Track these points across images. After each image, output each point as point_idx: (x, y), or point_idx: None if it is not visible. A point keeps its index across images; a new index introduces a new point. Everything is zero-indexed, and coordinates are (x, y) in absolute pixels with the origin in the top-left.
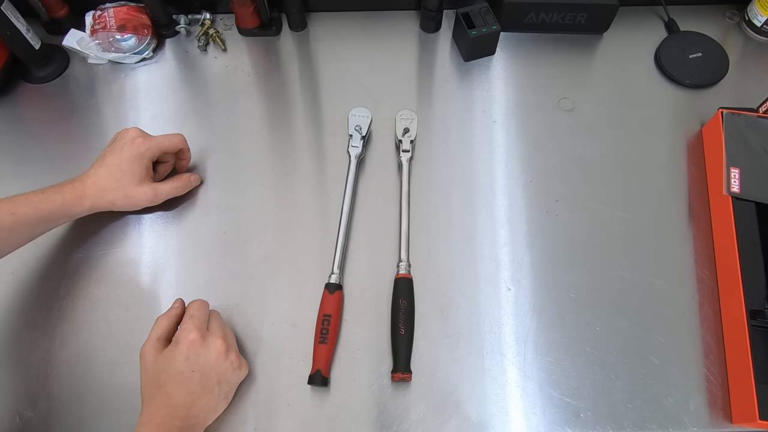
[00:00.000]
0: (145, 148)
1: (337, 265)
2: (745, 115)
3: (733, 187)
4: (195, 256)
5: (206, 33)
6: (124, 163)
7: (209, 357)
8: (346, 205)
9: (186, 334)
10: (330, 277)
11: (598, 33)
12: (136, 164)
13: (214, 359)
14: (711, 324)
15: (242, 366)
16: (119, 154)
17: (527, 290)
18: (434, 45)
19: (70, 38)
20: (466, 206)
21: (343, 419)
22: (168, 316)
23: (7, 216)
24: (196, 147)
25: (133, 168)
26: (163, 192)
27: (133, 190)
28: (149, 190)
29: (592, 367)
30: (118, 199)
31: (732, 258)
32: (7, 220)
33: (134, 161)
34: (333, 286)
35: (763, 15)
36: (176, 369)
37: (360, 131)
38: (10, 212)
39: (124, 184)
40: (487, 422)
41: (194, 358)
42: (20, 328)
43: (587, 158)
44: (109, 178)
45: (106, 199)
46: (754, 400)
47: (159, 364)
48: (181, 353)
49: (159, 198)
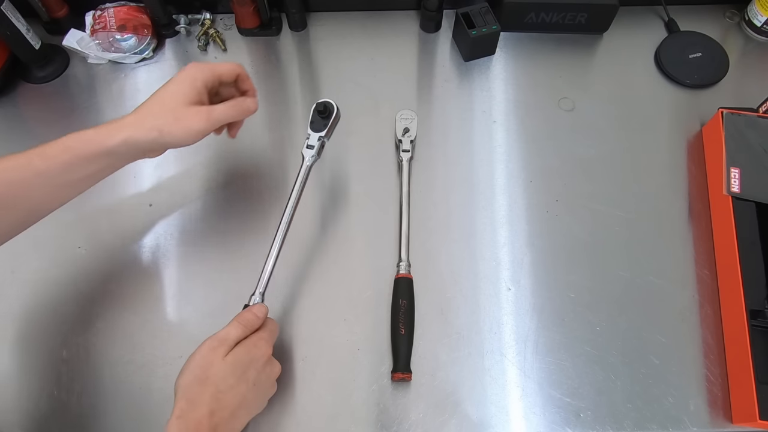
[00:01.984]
0: (196, 69)
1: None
2: (745, 115)
3: (733, 187)
4: (195, 255)
5: (206, 33)
6: (172, 86)
7: (270, 377)
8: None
9: (263, 344)
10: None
11: (598, 33)
12: (187, 85)
13: (271, 381)
14: (711, 324)
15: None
16: (168, 81)
17: (527, 290)
18: (434, 45)
19: (70, 38)
20: (466, 206)
21: (343, 419)
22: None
23: (36, 157)
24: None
25: (182, 89)
26: (217, 113)
27: (183, 111)
28: (202, 111)
29: (592, 367)
30: (165, 125)
31: (732, 258)
32: (37, 162)
33: (184, 82)
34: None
35: (763, 15)
36: (242, 375)
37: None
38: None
39: (173, 106)
40: (487, 422)
41: (260, 369)
42: (20, 328)
43: (587, 158)
44: (154, 104)
45: (149, 125)
46: (754, 400)
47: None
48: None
49: (213, 120)
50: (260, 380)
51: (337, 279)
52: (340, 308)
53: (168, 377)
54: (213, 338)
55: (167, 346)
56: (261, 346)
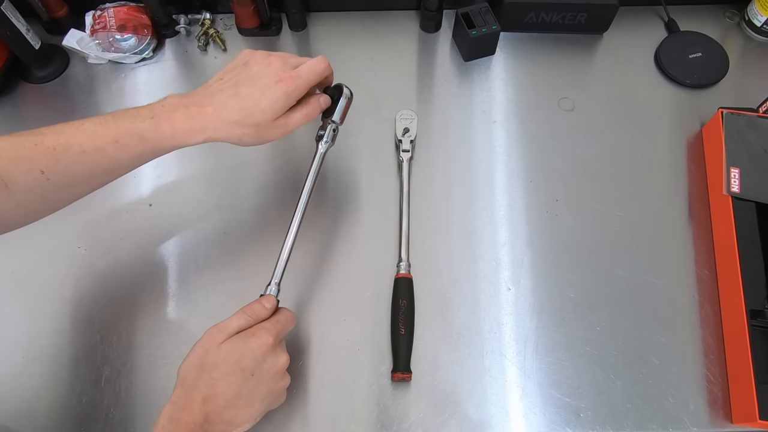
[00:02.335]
0: (293, 88)
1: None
2: (745, 115)
3: (733, 187)
4: (195, 255)
5: (206, 33)
6: (264, 102)
7: (271, 368)
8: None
9: (265, 333)
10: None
11: (598, 33)
12: (280, 105)
13: (274, 372)
14: (711, 324)
15: (286, 391)
16: (259, 88)
17: (527, 290)
18: (434, 45)
19: (70, 38)
20: (466, 206)
21: (343, 419)
22: (255, 316)
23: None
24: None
25: (275, 108)
26: (293, 124)
27: (268, 126)
28: (282, 125)
29: (592, 367)
30: (247, 136)
31: (732, 258)
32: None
33: (278, 101)
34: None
35: (763, 15)
36: (237, 364)
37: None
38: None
39: (260, 120)
40: (487, 422)
41: (260, 360)
42: (20, 328)
43: (587, 158)
44: (241, 112)
45: (231, 133)
46: (754, 400)
47: (224, 350)
48: (250, 350)
49: (289, 131)
50: (261, 371)
51: (337, 279)
52: (340, 308)
53: (168, 377)
54: (215, 326)
55: (167, 346)
56: (261, 336)
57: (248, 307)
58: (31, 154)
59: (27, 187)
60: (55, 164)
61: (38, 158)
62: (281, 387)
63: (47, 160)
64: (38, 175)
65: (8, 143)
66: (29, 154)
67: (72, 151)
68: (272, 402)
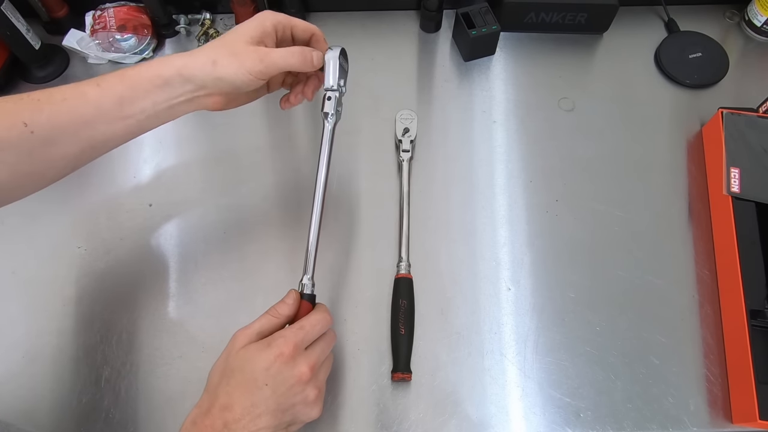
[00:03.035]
0: (269, 13)
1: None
2: (745, 115)
3: (733, 187)
4: (195, 255)
5: (206, 33)
6: (240, 26)
7: (287, 379)
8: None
9: (281, 342)
10: (302, 287)
11: (598, 33)
12: (254, 25)
13: (290, 384)
14: (711, 324)
15: (316, 405)
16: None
17: (527, 290)
18: (434, 45)
19: (70, 38)
20: (466, 206)
21: (343, 419)
22: (278, 314)
23: (92, 88)
24: (196, 146)
25: (248, 28)
26: (275, 56)
27: (242, 47)
28: (260, 50)
29: (592, 367)
30: (219, 56)
31: (732, 258)
32: (92, 92)
33: (252, 22)
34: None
35: (763, 15)
36: (251, 372)
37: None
38: (96, 84)
39: (232, 41)
40: (487, 422)
41: (274, 372)
42: (20, 329)
43: (587, 158)
44: (217, 41)
45: (205, 57)
46: (754, 400)
47: (240, 357)
48: (265, 360)
49: (269, 62)
50: (275, 382)
51: (337, 279)
52: (340, 308)
53: (168, 377)
54: (241, 328)
55: (167, 346)
56: (276, 345)
57: (273, 308)
58: (14, 107)
59: (11, 143)
60: (38, 115)
61: (21, 110)
62: (301, 400)
63: (30, 112)
64: (22, 128)
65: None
66: (12, 107)
67: (54, 99)
68: (295, 415)
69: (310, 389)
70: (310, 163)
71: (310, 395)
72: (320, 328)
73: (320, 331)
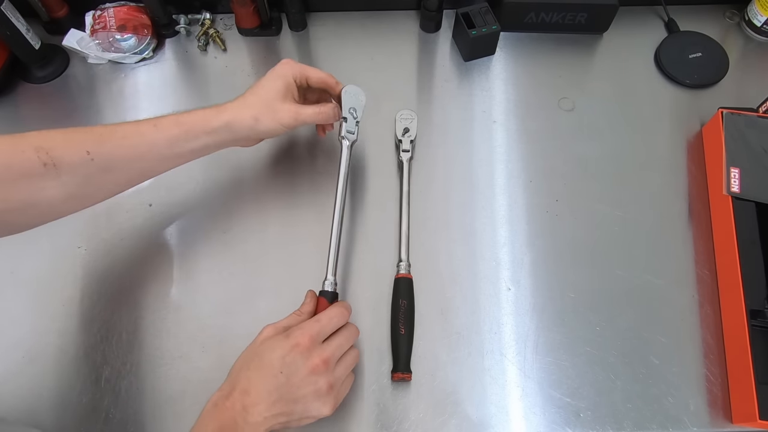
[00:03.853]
0: (288, 66)
1: (331, 270)
2: (745, 115)
3: (733, 187)
4: (195, 255)
5: (206, 33)
6: (267, 82)
7: (300, 368)
8: (338, 203)
9: (298, 334)
10: (324, 284)
11: (598, 33)
12: (279, 82)
13: (304, 374)
14: (711, 324)
15: (327, 399)
16: (263, 77)
17: (527, 290)
18: (434, 45)
19: (70, 38)
20: (466, 206)
21: (343, 419)
22: (300, 312)
23: (149, 129)
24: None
25: (276, 85)
26: (304, 115)
27: (278, 104)
28: (293, 109)
29: (592, 367)
30: (261, 114)
31: (732, 258)
32: (149, 133)
33: (277, 79)
34: (329, 295)
35: (763, 15)
36: (269, 360)
37: (354, 114)
38: (153, 125)
39: (267, 99)
40: (487, 422)
41: (289, 361)
42: (20, 329)
43: (587, 158)
44: (252, 96)
45: (248, 113)
46: (754, 400)
47: (262, 347)
48: (282, 348)
49: (300, 120)
50: (289, 370)
51: (338, 279)
52: None
53: (168, 377)
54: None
55: (167, 346)
56: (293, 335)
57: (299, 308)
58: (80, 137)
59: (73, 167)
60: (100, 146)
61: (86, 140)
62: (313, 391)
63: (93, 142)
64: (84, 155)
65: (62, 131)
66: (79, 137)
67: (116, 136)
68: (307, 406)
69: (323, 381)
70: (310, 165)
71: (322, 387)
72: (336, 322)
73: (336, 325)
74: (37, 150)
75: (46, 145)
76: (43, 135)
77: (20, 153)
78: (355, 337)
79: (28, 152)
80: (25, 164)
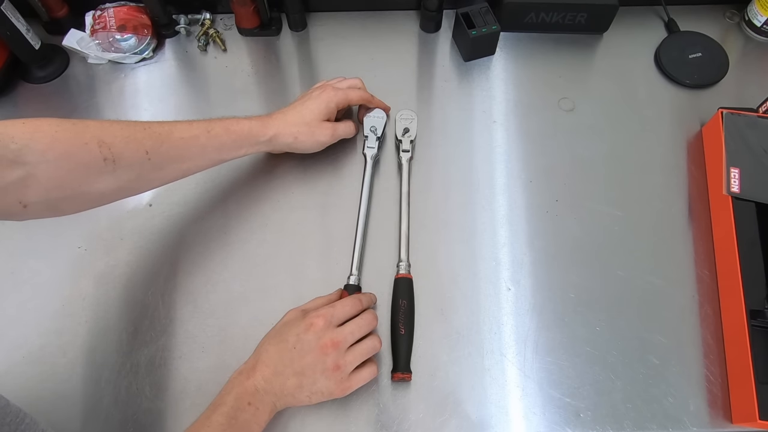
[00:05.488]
0: (333, 94)
1: (355, 266)
2: (745, 115)
3: (733, 187)
4: (195, 255)
5: (206, 33)
6: (311, 103)
7: (312, 345)
8: (363, 207)
9: (314, 315)
10: (349, 279)
11: (598, 33)
12: (324, 106)
13: (314, 351)
14: (711, 324)
15: (334, 377)
16: (308, 98)
17: (527, 290)
18: (434, 45)
19: (70, 38)
20: (466, 206)
21: (343, 419)
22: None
23: (203, 133)
24: None
25: (319, 109)
26: (340, 131)
27: (317, 126)
28: (329, 127)
29: (592, 367)
30: (301, 133)
31: (732, 258)
32: (203, 138)
33: (322, 103)
34: (352, 288)
35: (763, 15)
36: (286, 335)
37: (375, 132)
38: (206, 130)
39: (309, 120)
40: (487, 422)
41: (302, 336)
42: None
43: (587, 158)
44: (295, 115)
45: (289, 131)
46: (754, 400)
47: (282, 325)
48: (298, 327)
49: (336, 136)
50: (301, 345)
51: (338, 279)
52: None
53: (168, 377)
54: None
55: (167, 346)
56: (310, 316)
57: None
58: (141, 136)
59: (131, 164)
60: (158, 146)
61: (146, 140)
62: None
63: (153, 143)
64: (143, 155)
65: (121, 126)
66: (140, 136)
67: (173, 137)
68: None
69: (330, 360)
70: (310, 166)
71: (329, 366)
72: (349, 309)
73: (349, 312)
74: (100, 144)
75: (108, 140)
76: (105, 128)
77: (83, 144)
78: (371, 325)
79: (91, 145)
80: (86, 156)
